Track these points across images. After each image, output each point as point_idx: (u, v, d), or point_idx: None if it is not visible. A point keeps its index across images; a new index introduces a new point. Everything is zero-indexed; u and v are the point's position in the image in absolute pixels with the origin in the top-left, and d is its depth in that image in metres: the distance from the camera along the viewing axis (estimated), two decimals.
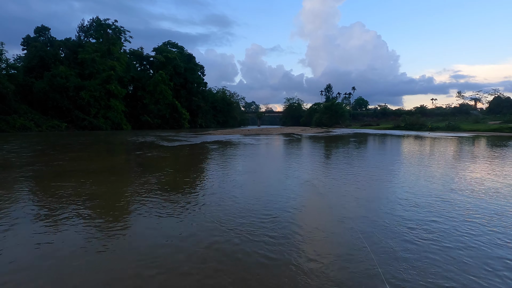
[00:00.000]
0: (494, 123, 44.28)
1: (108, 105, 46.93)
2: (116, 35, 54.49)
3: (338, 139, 23.24)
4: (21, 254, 2.96)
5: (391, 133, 36.67)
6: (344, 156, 11.88)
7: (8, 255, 2.92)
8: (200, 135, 27.89)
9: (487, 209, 4.49)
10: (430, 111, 75.86)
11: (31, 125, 35.46)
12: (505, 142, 19.80)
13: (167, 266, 2.71)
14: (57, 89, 41.61)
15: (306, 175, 7.41)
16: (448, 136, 28.09)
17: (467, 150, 14.79)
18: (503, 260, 2.86)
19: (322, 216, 4.38)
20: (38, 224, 3.79)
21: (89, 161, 9.95)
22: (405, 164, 9.54)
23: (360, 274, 2.58)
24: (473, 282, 2.47)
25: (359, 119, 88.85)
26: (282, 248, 3.08)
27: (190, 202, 4.92)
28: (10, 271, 2.63)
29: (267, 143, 19.20)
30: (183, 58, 65.55)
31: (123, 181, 6.72)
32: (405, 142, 20.13)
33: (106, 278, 2.52)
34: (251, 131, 39.36)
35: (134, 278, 2.51)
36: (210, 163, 9.80)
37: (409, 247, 3.12)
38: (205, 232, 3.55)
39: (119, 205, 4.74)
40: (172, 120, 58.40)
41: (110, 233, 3.52)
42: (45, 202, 4.84)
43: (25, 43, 48.27)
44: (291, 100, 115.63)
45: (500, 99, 68.34)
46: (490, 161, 10.18)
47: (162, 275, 2.56)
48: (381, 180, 6.87)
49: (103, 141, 20.37)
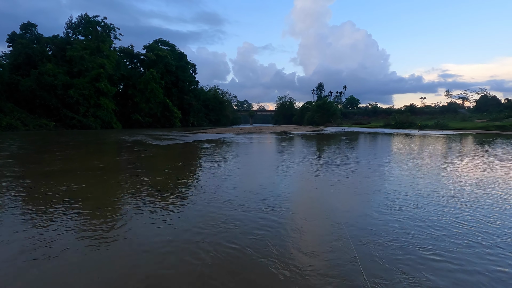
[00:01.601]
0: (480, 121, 45.43)
1: (98, 104, 46.13)
2: (106, 32, 53.48)
3: (330, 137, 23.45)
4: (9, 253, 2.90)
5: (382, 131, 37.20)
6: (335, 154, 12.01)
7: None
8: (192, 134, 27.72)
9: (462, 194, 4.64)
10: (419, 110, 77.19)
11: (18, 124, 34.57)
12: (491, 139, 20.34)
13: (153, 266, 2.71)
14: (45, 87, 40.64)
15: (301, 176, 7.47)
16: (437, 134, 28.69)
17: (454, 147, 15.14)
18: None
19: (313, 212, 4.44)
20: (27, 224, 3.72)
21: (79, 161, 9.78)
22: (398, 161, 9.72)
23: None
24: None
25: (351, 117, 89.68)
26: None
27: (180, 202, 4.90)
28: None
29: (259, 141, 19.23)
30: (174, 56, 64.88)
31: (114, 180, 6.64)
32: (395, 140, 20.47)
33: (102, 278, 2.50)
34: (243, 130, 39.32)
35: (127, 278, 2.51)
36: (202, 162, 9.76)
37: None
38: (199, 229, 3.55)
39: (111, 205, 4.69)
40: (164, 119, 57.84)
41: (102, 234, 3.48)
42: (33, 203, 4.75)
43: (11, 39, 46.94)
44: (283, 99, 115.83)
45: (487, 97, 70.19)
46: (475, 157, 10.46)
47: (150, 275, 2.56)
48: (372, 177, 6.99)
49: (92, 141, 20.04)
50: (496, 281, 2.48)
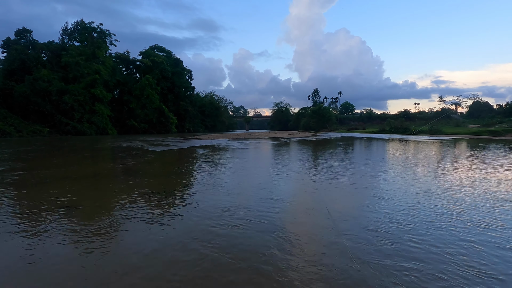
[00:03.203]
0: (473, 127, 46.05)
1: (93, 110, 45.90)
2: (101, 38, 53.56)
3: (326, 143, 23.54)
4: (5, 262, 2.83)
5: (377, 136, 37.49)
6: (332, 159, 12.05)
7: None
8: (188, 140, 27.62)
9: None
10: (413, 115, 77.94)
11: (11, 130, 34.17)
12: (484, 144, 20.60)
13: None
14: (39, 93, 40.36)
15: (298, 179, 7.46)
16: (431, 139, 28.97)
17: (448, 152, 15.29)
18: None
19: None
20: (20, 234, 3.65)
21: (73, 167, 9.67)
22: (394, 167, 9.77)
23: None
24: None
25: (346, 123, 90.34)
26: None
27: (175, 210, 4.86)
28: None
29: (255, 147, 19.22)
30: (170, 62, 65.04)
31: (109, 187, 6.56)
32: (390, 145, 20.62)
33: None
34: (240, 136, 39.30)
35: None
36: (197, 168, 9.71)
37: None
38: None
39: (104, 211, 4.63)
40: (159, 125, 57.66)
41: (98, 240, 3.42)
42: (27, 210, 4.66)
43: (5, 45, 46.73)
44: (279, 105, 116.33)
45: (479, 103, 71.30)
46: (469, 161, 10.56)
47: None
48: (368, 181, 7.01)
49: (87, 147, 19.85)
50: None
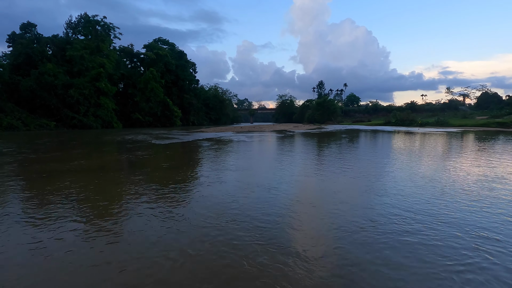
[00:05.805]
0: (481, 118, 45.28)
1: (98, 103, 46.22)
2: (105, 31, 53.51)
3: (330, 136, 23.42)
4: (13, 252, 2.91)
5: (382, 129, 37.15)
6: (337, 153, 12.00)
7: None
8: (192, 133, 27.73)
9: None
10: (420, 107, 77.06)
11: (19, 124, 34.66)
12: (492, 136, 20.28)
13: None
14: (45, 87, 40.72)
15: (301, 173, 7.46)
16: (438, 131, 28.62)
17: (454, 144, 15.10)
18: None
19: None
20: (28, 226, 3.73)
21: (80, 160, 9.79)
22: (399, 159, 9.71)
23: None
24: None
25: (351, 115, 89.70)
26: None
27: (182, 202, 4.91)
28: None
29: (260, 140, 19.22)
30: (174, 55, 64.90)
31: (116, 179, 6.65)
32: (396, 138, 20.43)
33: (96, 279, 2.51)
34: (244, 128, 39.31)
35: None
36: (202, 161, 9.77)
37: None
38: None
39: (111, 203, 4.70)
40: (164, 118, 57.92)
41: (106, 233, 3.49)
42: (35, 202, 4.76)
43: (11, 40, 47.06)
44: (284, 97, 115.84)
45: (488, 94, 69.98)
46: (473, 155, 10.43)
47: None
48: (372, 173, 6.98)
49: (94, 140, 20.07)
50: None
